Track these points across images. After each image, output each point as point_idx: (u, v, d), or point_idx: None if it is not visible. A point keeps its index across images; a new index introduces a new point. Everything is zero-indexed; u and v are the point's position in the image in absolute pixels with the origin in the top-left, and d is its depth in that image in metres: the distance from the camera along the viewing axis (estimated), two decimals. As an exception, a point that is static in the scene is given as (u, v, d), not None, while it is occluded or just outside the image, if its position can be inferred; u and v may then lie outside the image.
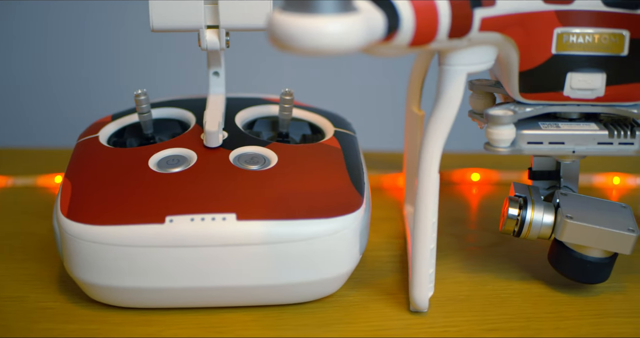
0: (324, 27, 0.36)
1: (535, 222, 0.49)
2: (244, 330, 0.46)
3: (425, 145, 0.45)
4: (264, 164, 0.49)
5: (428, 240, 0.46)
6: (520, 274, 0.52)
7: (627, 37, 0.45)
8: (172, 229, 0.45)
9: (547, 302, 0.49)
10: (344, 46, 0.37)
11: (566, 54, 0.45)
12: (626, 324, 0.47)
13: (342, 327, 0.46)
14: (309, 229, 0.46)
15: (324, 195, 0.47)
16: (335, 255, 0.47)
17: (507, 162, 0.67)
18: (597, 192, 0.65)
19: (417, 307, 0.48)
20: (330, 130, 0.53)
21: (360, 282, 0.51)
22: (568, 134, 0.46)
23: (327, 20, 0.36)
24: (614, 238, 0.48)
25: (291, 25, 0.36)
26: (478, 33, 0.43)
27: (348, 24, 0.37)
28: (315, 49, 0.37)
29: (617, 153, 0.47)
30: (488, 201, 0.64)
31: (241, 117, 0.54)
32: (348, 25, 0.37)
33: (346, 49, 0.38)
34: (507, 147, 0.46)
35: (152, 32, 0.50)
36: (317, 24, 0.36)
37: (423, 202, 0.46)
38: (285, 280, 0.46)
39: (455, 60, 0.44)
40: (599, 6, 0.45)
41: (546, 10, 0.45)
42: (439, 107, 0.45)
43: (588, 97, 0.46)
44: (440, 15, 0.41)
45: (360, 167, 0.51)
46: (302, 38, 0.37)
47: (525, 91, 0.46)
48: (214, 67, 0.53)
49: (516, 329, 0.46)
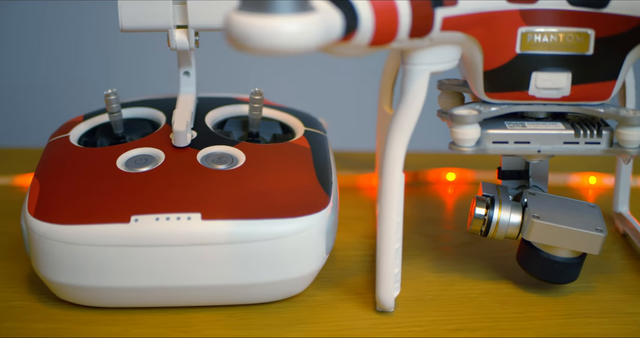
0: (280, 27, 0.36)
1: (502, 221, 0.49)
2: (209, 329, 0.46)
3: (389, 145, 0.45)
4: (232, 164, 0.49)
5: (393, 240, 0.46)
6: (490, 274, 0.52)
7: (592, 36, 0.45)
8: (137, 229, 0.45)
9: (515, 302, 0.49)
10: (301, 46, 0.37)
11: (531, 54, 0.45)
12: (594, 324, 0.47)
13: (307, 327, 0.46)
14: (273, 229, 0.46)
15: (290, 195, 0.47)
16: (301, 254, 0.46)
17: (483, 162, 0.67)
18: (573, 191, 0.65)
19: (383, 307, 0.47)
20: (300, 130, 0.53)
21: (329, 281, 0.51)
22: (534, 133, 0.46)
23: (283, 20, 0.36)
24: (582, 238, 0.48)
25: (247, 25, 0.36)
26: (440, 33, 0.43)
27: (304, 24, 0.37)
28: (272, 49, 0.37)
29: (584, 152, 0.47)
30: (463, 201, 0.63)
31: (212, 116, 0.54)
32: (304, 25, 0.37)
33: (303, 49, 0.38)
34: (472, 146, 0.46)
35: (121, 32, 0.51)
36: (273, 23, 0.36)
37: (387, 202, 0.45)
38: (250, 280, 0.46)
39: (418, 59, 0.44)
40: (564, 5, 0.45)
41: (510, 9, 0.44)
42: (402, 106, 0.45)
43: (554, 96, 0.46)
44: (401, 14, 0.41)
45: (329, 166, 0.51)
46: (258, 38, 0.36)
47: (490, 90, 0.46)
48: (185, 67, 0.53)
49: (482, 329, 0.46)
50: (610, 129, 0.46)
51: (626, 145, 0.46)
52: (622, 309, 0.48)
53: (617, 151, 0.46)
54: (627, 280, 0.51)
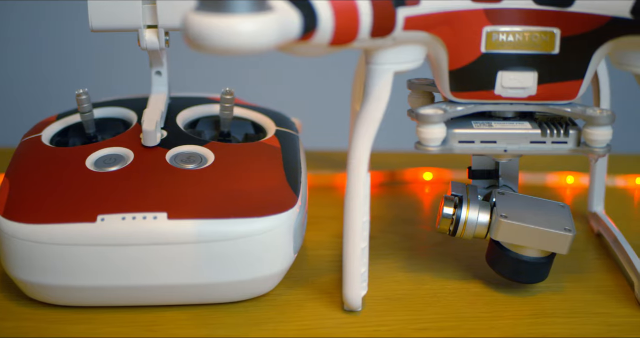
0: (235, 27, 0.36)
1: (470, 221, 0.49)
2: (177, 328, 0.46)
3: (354, 145, 0.45)
4: (201, 163, 0.49)
5: (358, 240, 0.46)
6: (461, 274, 0.52)
7: (558, 35, 0.45)
8: (103, 228, 0.45)
9: (483, 302, 0.49)
10: (257, 45, 0.37)
11: (496, 53, 0.45)
12: (562, 324, 0.47)
13: (274, 326, 0.46)
14: (239, 228, 0.46)
15: (257, 194, 0.47)
16: (268, 254, 0.47)
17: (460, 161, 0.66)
18: (550, 191, 0.65)
19: (350, 306, 0.47)
20: (272, 130, 0.53)
21: (299, 280, 0.51)
22: (500, 132, 0.46)
23: (239, 20, 0.36)
24: (550, 237, 0.48)
25: (203, 25, 0.37)
26: (402, 32, 0.43)
27: (260, 24, 0.37)
28: (228, 49, 0.37)
29: (551, 152, 0.46)
30: (439, 200, 0.63)
31: (183, 116, 0.54)
32: (260, 25, 0.37)
33: (259, 48, 0.38)
34: (438, 145, 0.46)
35: (91, 32, 0.51)
36: (229, 23, 0.36)
37: (352, 202, 0.45)
38: (217, 279, 0.46)
39: (381, 59, 0.44)
40: (529, 4, 0.45)
41: (474, 9, 0.44)
42: (367, 106, 0.45)
43: (520, 95, 0.46)
44: (361, 14, 0.41)
45: (299, 166, 0.51)
46: (214, 37, 0.37)
47: (456, 90, 0.46)
48: (156, 67, 0.53)
49: (448, 329, 0.46)
50: (577, 128, 0.46)
51: (593, 145, 0.46)
52: (591, 309, 0.48)
53: (585, 150, 0.46)
54: (598, 280, 0.51)
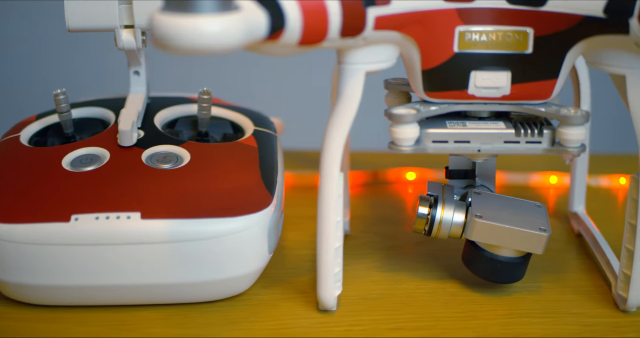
0: (201, 27, 0.36)
1: (445, 221, 0.49)
2: (151, 327, 0.46)
3: (326, 145, 0.45)
4: (177, 163, 0.49)
5: (331, 240, 0.46)
6: (438, 273, 0.52)
7: (531, 34, 0.45)
8: (76, 228, 0.45)
9: (459, 302, 0.49)
10: (222, 45, 0.37)
11: (469, 53, 0.45)
12: (535, 324, 0.47)
13: (247, 326, 0.46)
14: (213, 228, 0.46)
15: (232, 194, 0.47)
16: (242, 254, 0.47)
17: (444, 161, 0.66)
18: (533, 191, 0.65)
19: (325, 306, 0.47)
20: (250, 129, 0.54)
21: (276, 280, 0.51)
22: (473, 132, 0.46)
23: (204, 20, 0.37)
24: (525, 237, 0.48)
25: (169, 25, 0.37)
26: (373, 32, 0.43)
27: (225, 24, 0.37)
28: (194, 49, 0.37)
29: (525, 152, 0.46)
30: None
31: (162, 116, 0.54)
32: (225, 25, 0.37)
33: (225, 48, 0.38)
34: (411, 145, 0.45)
35: (68, 32, 0.51)
36: (194, 23, 0.36)
37: (325, 202, 0.45)
38: (190, 279, 0.46)
39: (353, 58, 0.44)
40: (502, 4, 0.45)
41: (446, 8, 0.44)
42: (339, 106, 0.45)
43: (494, 95, 0.46)
44: (330, 14, 0.41)
45: (275, 166, 0.51)
46: (179, 38, 0.37)
47: (430, 90, 0.46)
48: (134, 67, 0.53)
49: (422, 328, 0.46)
50: (551, 128, 0.46)
51: (567, 145, 0.45)
52: (566, 309, 0.48)
53: (559, 150, 0.46)
54: (576, 280, 0.51)
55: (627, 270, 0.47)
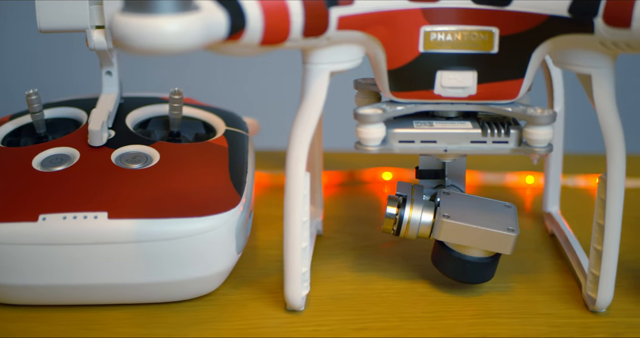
0: (159, 27, 0.36)
1: (413, 221, 0.49)
2: (118, 327, 0.46)
3: (291, 145, 0.45)
4: (146, 163, 0.49)
5: (298, 240, 0.46)
6: (409, 274, 0.52)
7: (497, 34, 0.45)
8: (44, 227, 0.45)
9: (427, 302, 0.49)
10: (181, 45, 0.37)
11: (434, 52, 0.45)
12: (503, 325, 0.47)
13: (215, 325, 0.46)
14: (180, 228, 0.46)
15: (200, 194, 0.47)
16: (209, 253, 0.47)
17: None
18: (509, 191, 0.64)
19: (292, 306, 0.47)
20: (221, 129, 0.54)
21: (246, 280, 0.51)
22: (440, 132, 0.46)
23: (162, 21, 0.37)
24: (493, 237, 0.48)
25: (128, 25, 0.37)
26: (337, 32, 0.43)
27: (184, 24, 0.37)
28: (153, 49, 0.37)
29: (492, 152, 0.46)
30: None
31: (134, 116, 0.54)
32: (184, 25, 0.37)
33: (184, 48, 0.38)
34: (378, 145, 0.45)
35: (40, 32, 0.51)
36: (153, 24, 0.36)
37: (291, 202, 0.45)
38: (158, 279, 0.46)
39: (317, 58, 0.44)
40: (467, 4, 0.45)
41: (411, 8, 0.44)
42: (303, 106, 0.45)
43: (460, 95, 0.46)
44: (292, 14, 0.41)
45: (245, 166, 0.51)
46: (138, 38, 0.37)
47: (396, 90, 0.46)
48: (106, 67, 0.53)
49: (388, 329, 0.46)
50: (519, 128, 0.46)
51: (534, 145, 0.45)
52: (535, 310, 0.48)
53: (526, 150, 0.46)
54: (547, 281, 0.51)
55: (596, 270, 0.47)
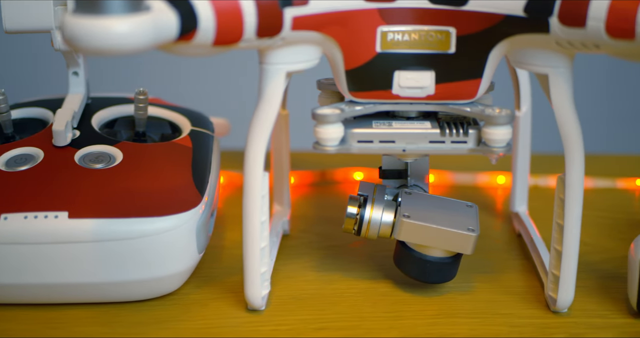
0: (108, 28, 0.37)
1: (374, 220, 0.49)
2: (79, 326, 0.47)
3: (249, 144, 0.45)
4: (109, 163, 0.49)
5: (257, 240, 0.46)
6: (372, 273, 0.52)
7: (454, 34, 0.45)
8: (5, 227, 0.46)
9: (388, 302, 0.49)
10: (131, 46, 0.38)
11: (391, 52, 0.45)
12: (462, 325, 0.47)
13: (175, 325, 0.47)
14: (140, 227, 0.46)
15: (161, 194, 0.48)
16: (170, 253, 0.47)
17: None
18: (480, 191, 0.64)
19: (252, 306, 0.48)
20: (187, 129, 0.54)
21: (209, 279, 0.51)
22: (398, 132, 0.46)
23: (111, 21, 0.37)
24: (453, 237, 0.48)
25: (77, 26, 0.37)
26: (291, 32, 0.43)
27: (133, 25, 0.37)
28: (102, 50, 0.38)
29: (451, 152, 0.46)
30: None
31: (100, 116, 0.54)
32: (133, 26, 0.37)
33: (133, 49, 0.38)
34: (336, 145, 0.45)
35: (5, 33, 0.51)
36: (101, 25, 0.37)
37: (249, 202, 0.46)
38: (118, 278, 0.46)
39: (273, 59, 0.44)
40: (424, 4, 0.45)
41: (367, 8, 0.44)
42: (260, 107, 0.45)
43: (418, 95, 0.46)
44: (245, 14, 0.41)
45: (208, 166, 0.51)
46: (88, 39, 0.37)
47: (354, 90, 0.46)
48: (73, 67, 0.54)
49: (347, 328, 0.46)
50: (478, 128, 0.46)
51: (492, 145, 0.45)
52: (496, 310, 0.48)
53: (484, 150, 0.46)
54: (511, 281, 0.51)
55: (556, 270, 0.47)
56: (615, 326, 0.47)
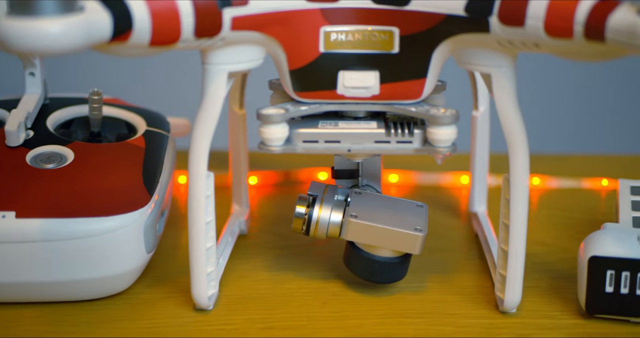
0: (40, 29, 0.37)
1: (322, 220, 0.49)
2: (28, 325, 0.47)
3: (193, 144, 0.45)
4: (60, 163, 0.50)
5: (202, 240, 0.46)
6: (325, 273, 0.52)
7: (397, 34, 0.45)
8: (-46, 226, 0.46)
9: (337, 302, 0.49)
10: (63, 47, 0.38)
11: (335, 53, 0.45)
12: (409, 325, 0.47)
13: (122, 324, 0.47)
14: (87, 227, 0.46)
15: (109, 194, 0.48)
16: (118, 253, 0.47)
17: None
18: (444, 191, 0.64)
19: (199, 305, 0.48)
20: (142, 129, 0.54)
21: (161, 279, 0.51)
22: (343, 132, 0.46)
23: (43, 23, 0.37)
24: (400, 237, 0.48)
25: (10, 27, 0.37)
26: (231, 32, 0.43)
27: (65, 26, 0.37)
28: (34, 50, 0.38)
29: (396, 152, 0.46)
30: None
31: (56, 116, 0.54)
32: (65, 27, 0.37)
33: (65, 50, 0.38)
34: (281, 145, 0.46)
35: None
36: (34, 26, 0.37)
37: (194, 202, 0.46)
38: (66, 278, 0.47)
39: (215, 59, 0.44)
40: (367, 4, 0.45)
41: (310, 8, 0.44)
42: (203, 107, 0.45)
43: (363, 95, 0.46)
44: (182, 15, 0.41)
45: (159, 166, 0.51)
46: (21, 40, 0.37)
47: (299, 90, 0.46)
48: (29, 68, 0.54)
49: (293, 328, 0.46)
50: (423, 128, 0.46)
51: (437, 144, 0.45)
52: (444, 310, 0.48)
53: (429, 150, 0.46)
54: (462, 281, 0.51)
55: (503, 270, 0.47)
56: (564, 327, 0.47)
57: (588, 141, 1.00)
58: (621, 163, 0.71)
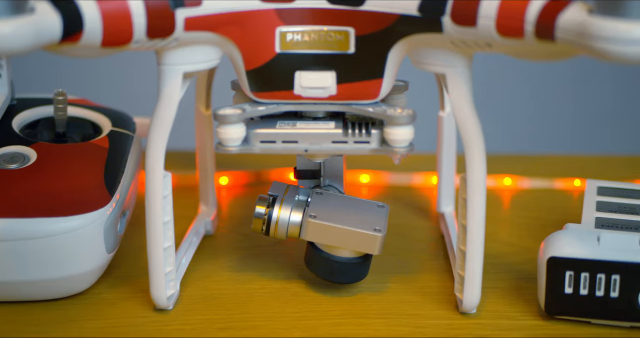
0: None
1: (282, 220, 0.49)
2: (-15, 324, 0.48)
3: (149, 145, 0.45)
4: (23, 163, 0.50)
5: (160, 240, 0.46)
6: (288, 273, 0.52)
7: (352, 34, 0.45)
8: None
9: (297, 302, 0.49)
10: (12, 48, 0.38)
11: (291, 53, 0.45)
12: (367, 325, 0.47)
13: (81, 324, 0.47)
14: (45, 227, 0.46)
15: (69, 194, 0.48)
16: (77, 253, 0.47)
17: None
18: (415, 191, 0.64)
19: (158, 306, 0.48)
20: (107, 130, 0.54)
21: (124, 279, 0.51)
22: (301, 132, 0.46)
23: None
24: (359, 238, 0.48)
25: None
26: (185, 33, 0.43)
27: (13, 27, 0.38)
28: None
29: (353, 152, 0.46)
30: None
31: (22, 117, 0.54)
32: (13, 28, 0.38)
33: (15, 51, 0.38)
34: (238, 146, 0.46)
35: None
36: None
37: (151, 202, 0.46)
38: (26, 277, 0.47)
39: (169, 59, 0.44)
40: (322, 4, 0.45)
41: (264, 9, 0.44)
42: (158, 107, 0.45)
43: (320, 95, 0.46)
44: (134, 16, 0.41)
45: (122, 167, 0.51)
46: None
47: (256, 90, 0.46)
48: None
49: (251, 328, 0.46)
50: (380, 128, 0.46)
51: (395, 145, 0.45)
52: (404, 310, 0.48)
53: (387, 150, 0.46)
54: (424, 281, 0.51)
55: (462, 271, 0.47)
56: (523, 328, 0.47)
57: (566, 141, 1.00)
58: (597, 164, 0.70)
